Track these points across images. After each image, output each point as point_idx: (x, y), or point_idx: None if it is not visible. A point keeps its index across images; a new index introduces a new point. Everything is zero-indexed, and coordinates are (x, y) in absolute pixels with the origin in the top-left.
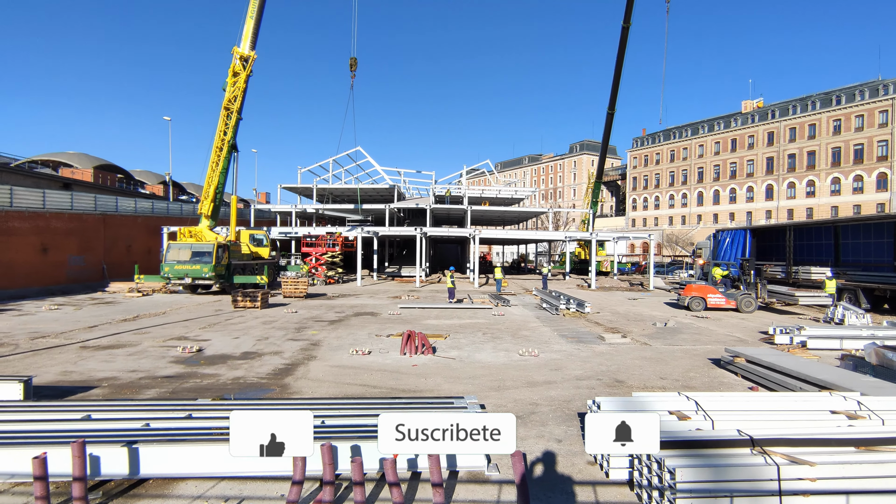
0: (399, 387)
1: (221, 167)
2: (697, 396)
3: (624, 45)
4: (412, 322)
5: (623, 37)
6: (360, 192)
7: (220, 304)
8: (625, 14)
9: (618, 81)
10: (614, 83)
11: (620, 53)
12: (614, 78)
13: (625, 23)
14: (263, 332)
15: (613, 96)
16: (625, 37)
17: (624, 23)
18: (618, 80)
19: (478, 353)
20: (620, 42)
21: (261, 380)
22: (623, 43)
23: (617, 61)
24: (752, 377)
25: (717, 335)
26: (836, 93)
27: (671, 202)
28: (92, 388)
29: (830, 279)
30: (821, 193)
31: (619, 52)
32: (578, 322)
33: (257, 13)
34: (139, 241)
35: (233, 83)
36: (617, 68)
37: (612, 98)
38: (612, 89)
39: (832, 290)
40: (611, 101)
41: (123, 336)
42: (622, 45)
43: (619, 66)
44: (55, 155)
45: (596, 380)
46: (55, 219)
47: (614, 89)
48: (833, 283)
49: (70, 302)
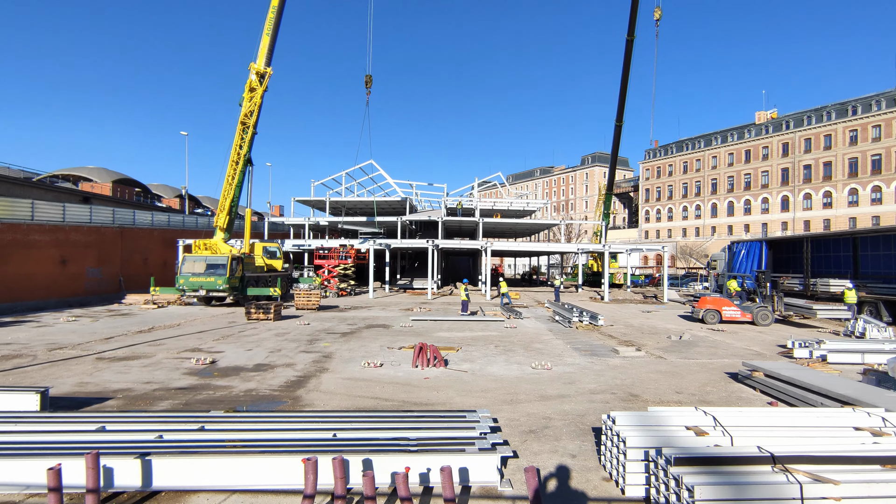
0: (411, 400)
1: (237, 181)
2: (715, 411)
3: (629, 57)
4: (424, 334)
5: (628, 49)
6: (376, 205)
7: (234, 316)
8: (629, 27)
9: (624, 93)
10: (621, 95)
11: (626, 66)
12: (621, 90)
13: (629, 35)
14: (276, 345)
15: (621, 108)
16: (629, 49)
17: (628, 36)
18: (624, 92)
19: (490, 366)
20: (625, 55)
21: (273, 392)
22: (628, 55)
23: (623, 73)
24: (770, 392)
25: (733, 348)
26: (852, 103)
27: (685, 214)
28: (107, 399)
29: (850, 289)
30: (838, 205)
31: (625, 65)
32: (592, 335)
33: (273, 30)
34: (155, 254)
35: (249, 98)
36: (623, 80)
37: (619, 110)
38: (620, 101)
39: (852, 300)
40: (618, 113)
41: (138, 348)
42: (627, 57)
43: (625, 78)
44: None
45: (610, 394)
46: (74, 232)
47: (621, 101)
48: (853, 293)
49: (87, 314)
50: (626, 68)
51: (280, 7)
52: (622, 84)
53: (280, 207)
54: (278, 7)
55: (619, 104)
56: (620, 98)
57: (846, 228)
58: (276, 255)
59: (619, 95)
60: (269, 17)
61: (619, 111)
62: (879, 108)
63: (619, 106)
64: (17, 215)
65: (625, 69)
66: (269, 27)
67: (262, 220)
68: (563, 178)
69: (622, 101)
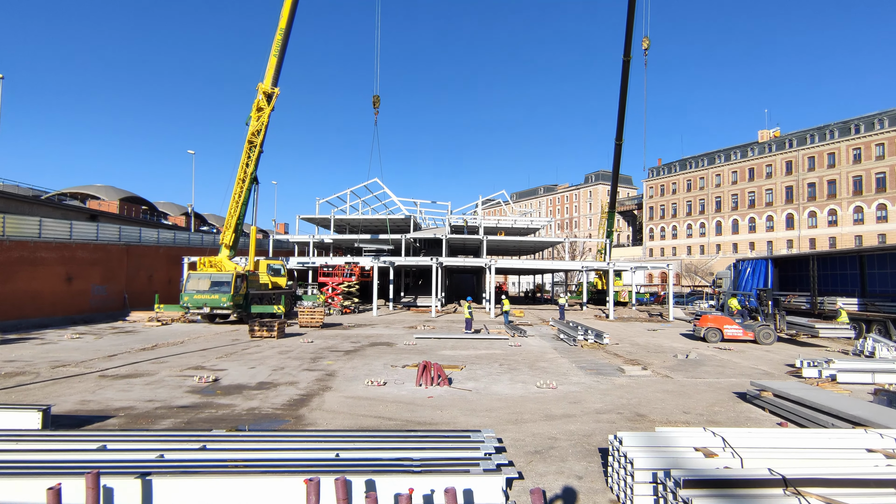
0: (414, 419)
1: (243, 199)
2: (724, 432)
3: (626, 77)
4: (428, 353)
5: (624, 70)
6: (388, 223)
7: (238, 334)
8: (624, 48)
9: (623, 113)
10: (620, 114)
11: (623, 85)
12: (619, 109)
13: (625, 56)
14: (279, 362)
15: (620, 127)
16: (626, 70)
17: (624, 56)
18: (623, 111)
19: (494, 385)
20: (622, 75)
21: (276, 411)
22: (625, 75)
23: (621, 93)
24: (780, 412)
25: (741, 368)
26: (855, 121)
27: (689, 232)
28: (109, 417)
29: (843, 308)
30: (843, 223)
31: (622, 85)
32: (597, 353)
33: (280, 52)
34: (161, 271)
35: (257, 118)
36: (621, 100)
37: (619, 129)
38: (619, 120)
39: (845, 319)
40: (618, 132)
41: (141, 365)
42: (624, 77)
43: (623, 97)
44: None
45: (616, 413)
46: (80, 249)
47: (620, 120)
48: (844, 313)
49: (91, 331)
50: (624, 88)
51: (287, 30)
52: (620, 103)
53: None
54: (286, 30)
55: (618, 123)
56: (619, 117)
57: (852, 246)
58: (281, 273)
59: (618, 115)
60: (276, 39)
61: (618, 130)
62: (882, 126)
63: (618, 125)
64: (24, 233)
65: (622, 89)
66: (276, 49)
67: (267, 238)
68: (567, 196)
69: (621, 120)
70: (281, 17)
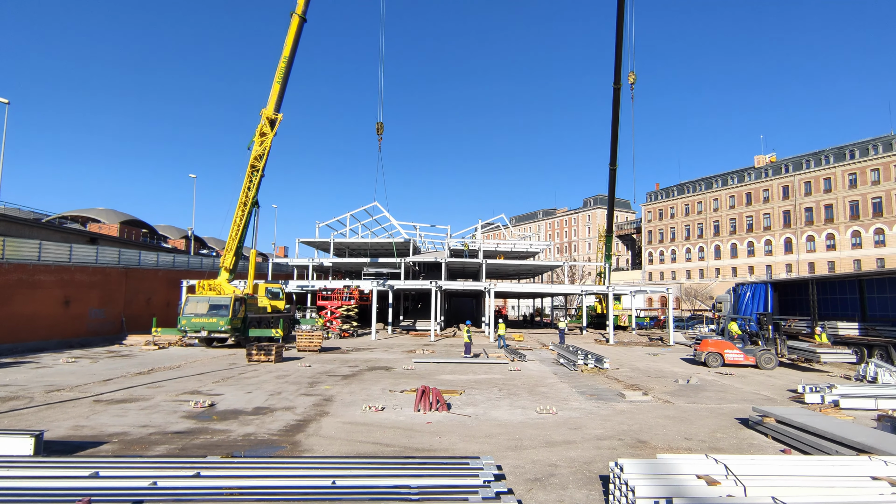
0: (412, 445)
1: (245, 222)
2: (727, 459)
3: (617, 104)
4: (427, 377)
5: (615, 97)
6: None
7: (235, 358)
8: (614, 76)
9: (615, 138)
10: (613, 140)
11: (615, 112)
12: (612, 135)
13: (615, 84)
14: (276, 387)
15: (613, 152)
16: (617, 97)
17: (615, 84)
18: (615, 136)
19: (494, 411)
20: (614, 102)
21: (272, 436)
22: (616, 102)
23: (613, 120)
24: (783, 439)
25: (742, 393)
26: (850, 147)
27: (688, 255)
28: (102, 443)
29: (821, 332)
30: (841, 247)
31: (614, 111)
32: (597, 378)
33: (283, 79)
34: (159, 294)
35: (260, 142)
36: (613, 126)
37: (612, 154)
38: (612, 146)
39: (826, 340)
40: (612, 157)
41: (137, 390)
42: (616, 104)
43: (615, 123)
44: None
45: (617, 440)
46: (79, 272)
47: (613, 146)
48: (825, 336)
49: (87, 355)
50: (616, 115)
51: (290, 58)
52: (613, 130)
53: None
54: (289, 58)
55: (611, 149)
56: (612, 143)
57: (851, 270)
58: (279, 296)
59: (611, 140)
60: (279, 67)
61: (612, 155)
62: (877, 152)
63: (611, 150)
64: (23, 256)
65: (614, 115)
66: (279, 76)
67: (267, 261)
68: (566, 219)
69: (614, 145)
70: (285, 46)
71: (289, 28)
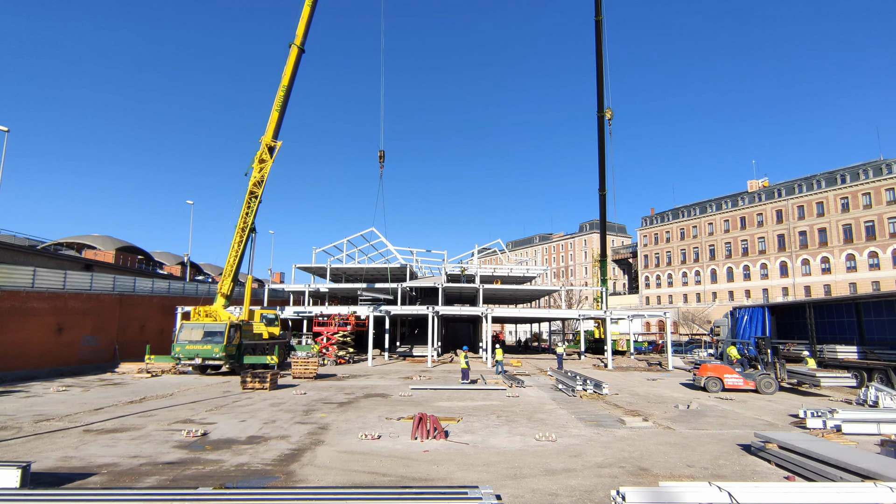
0: (409, 474)
1: (242, 248)
2: (730, 487)
3: (602, 132)
4: (424, 404)
5: (600, 125)
6: (389, 271)
7: (229, 386)
8: (598, 104)
9: (603, 165)
10: (601, 166)
11: (601, 139)
12: (599, 162)
13: (599, 112)
14: (271, 415)
15: (602, 178)
16: (601, 125)
17: (598, 112)
18: (602, 163)
19: (492, 438)
20: (598, 130)
21: (265, 466)
22: (601, 130)
23: (599, 146)
24: (786, 465)
25: (744, 418)
26: (840, 172)
27: (684, 280)
28: (91, 474)
29: (809, 357)
30: (836, 270)
31: (600, 138)
32: (597, 404)
33: (282, 107)
34: (153, 321)
35: (259, 169)
36: (600, 153)
37: (601, 180)
38: (600, 172)
39: (813, 365)
40: (601, 183)
41: (128, 419)
42: (601, 132)
43: (601, 150)
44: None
45: (618, 467)
46: (73, 299)
47: (601, 172)
48: (812, 360)
49: (79, 383)
50: (601, 142)
51: (289, 87)
52: (600, 156)
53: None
54: (287, 86)
55: (599, 175)
56: (600, 169)
57: (847, 293)
58: (275, 322)
59: (599, 167)
60: (278, 95)
61: (600, 181)
62: (867, 176)
63: (600, 176)
64: (17, 283)
65: (600, 143)
66: (278, 104)
67: (263, 287)
68: (563, 244)
69: (602, 171)
70: (283, 76)
71: (287, 58)
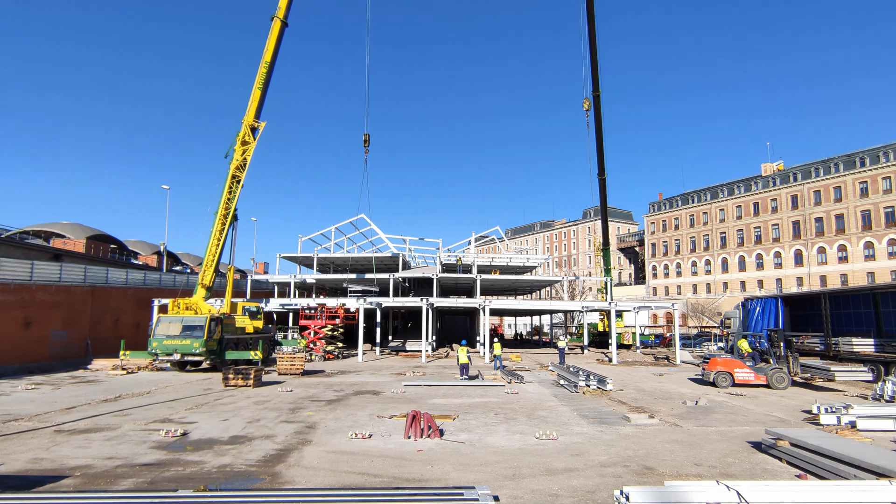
0: (402, 475)
1: (224, 236)
2: (739, 486)
3: (598, 112)
4: (417, 401)
5: (596, 104)
6: (374, 261)
7: (210, 383)
8: (592, 84)
9: (601, 147)
10: (598, 149)
11: (598, 121)
12: (597, 144)
13: (594, 91)
14: (255, 414)
15: (601, 162)
16: (598, 104)
17: (594, 92)
18: (601, 145)
19: (490, 437)
20: (595, 110)
21: (249, 468)
22: (597, 110)
23: (596, 127)
24: (798, 463)
25: (754, 415)
26: (859, 154)
27: (694, 269)
28: (63, 477)
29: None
30: (854, 259)
31: (597, 120)
32: (600, 401)
33: (264, 84)
34: (128, 315)
35: (241, 151)
36: (597, 134)
37: (599, 164)
38: (598, 155)
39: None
40: (599, 167)
41: (102, 419)
42: (597, 112)
43: (598, 132)
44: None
45: (622, 466)
46: (41, 291)
47: (600, 155)
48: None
49: (49, 381)
50: (598, 123)
51: (271, 63)
52: (597, 138)
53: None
54: (270, 63)
55: (598, 158)
56: (598, 152)
57: (864, 283)
58: (258, 316)
59: (597, 150)
60: (260, 72)
61: (599, 165)
62: (888, 159)
63: (598, 160)
64: None
65: (597, 124)
66: (260, 81)
67: (245, 278)
68: (565, 232)
69: (600, 154)
70: (265, 51)
71: (269, 32)
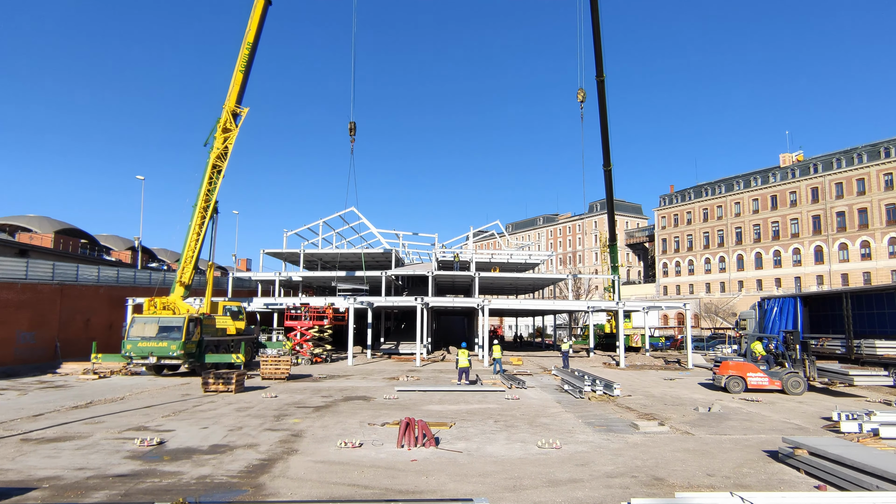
0: (395, 487)
1: (204, 230)
2: (754, 497)
3: (603, 98)
4: (411, 408)
5: (600, 90)
6: (363, 257)
7: (189, 388)
8: (596, 68)
9: (606, 136)
10: (603, 138)
11: (602, 107)
12: (602, 133)
13: (598, 76)
14: (237, 421)
15: (606, 152)
16: (602, 90)
17: (598, 77)
18: (606, 134)
19: (489, 445)
20: (599, 96)
21: (231, 479)
22: (602, 96)
23: (601, 115)
24: (817, 473)
25: (771, 422)
26: (884, 144)
27: (707, 266)
28: (31, 489)
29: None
30: (878, 255)
31: (601, 106)
32: (607, 407)
33: (246, 67)
34: (100, 315)
35: (222, 139)
36: (602, 123)
37: (605, 154)
38: (603, 145)
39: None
40: (605, 158)
41: (73, 427)
42: (601, 98)
43: (603, 120)
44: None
45: (630, 477)
46: (5, 289)
47: (605, 144)
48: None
49: (15, 386)
50: (603, 110)
51: (254, 44)
52: (602, 127)
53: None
54: (253, 44)
55: (603, 148)
56: (604, 141)
57: (889, 282)
58: (241, 316)
59: (602, 139)
60: (242, 54)
61: (604, 155)
62: None
63: (603, 150)
64: None
65: (601, 111)
66: (241, 63)
67: (227, 276)
68: (570, 226)
69: (605, 144)
70: (247, 31)
71: (252, 10)
